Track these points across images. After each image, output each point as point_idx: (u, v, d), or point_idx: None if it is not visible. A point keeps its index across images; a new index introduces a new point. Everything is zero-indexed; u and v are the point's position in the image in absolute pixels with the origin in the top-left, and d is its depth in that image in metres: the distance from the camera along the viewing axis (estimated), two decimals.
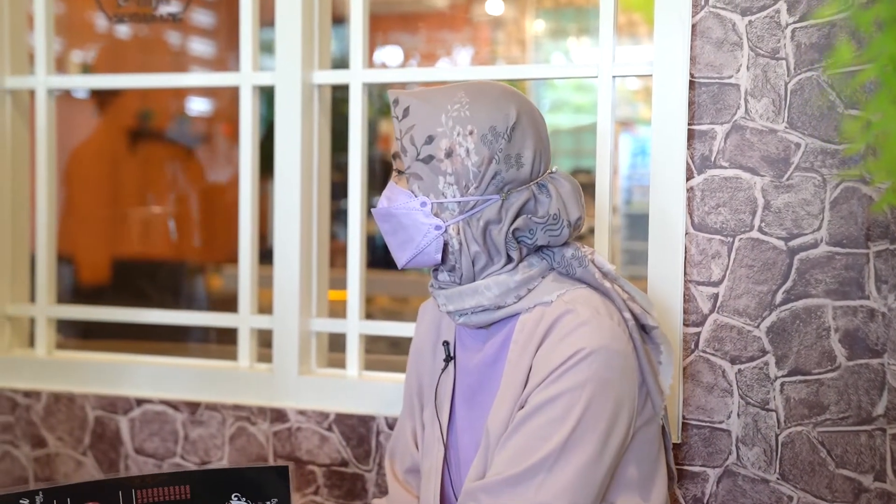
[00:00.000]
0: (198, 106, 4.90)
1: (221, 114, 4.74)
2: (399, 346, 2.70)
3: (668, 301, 1.66)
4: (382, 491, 1.87)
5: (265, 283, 2.04)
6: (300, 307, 1.95)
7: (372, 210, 1.34)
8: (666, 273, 1.67)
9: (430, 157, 1.25)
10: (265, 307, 2.03)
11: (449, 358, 1.38)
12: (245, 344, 2.03)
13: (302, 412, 1.92)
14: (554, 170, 1.32)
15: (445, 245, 1.28)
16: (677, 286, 1.66)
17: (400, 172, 1.30)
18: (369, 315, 2.01)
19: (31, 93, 2.19)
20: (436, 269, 1.33)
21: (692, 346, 1.66)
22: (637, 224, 4.83)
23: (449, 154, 1.25)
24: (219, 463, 1.95)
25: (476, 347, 1.34)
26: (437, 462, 1.38)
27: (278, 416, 1.93)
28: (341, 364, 1.99)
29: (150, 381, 2.05)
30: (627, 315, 1.26)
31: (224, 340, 2.83)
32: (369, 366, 2.00)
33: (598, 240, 1.76)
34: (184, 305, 3.98)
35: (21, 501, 1.14)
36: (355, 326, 1.96)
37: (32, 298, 2.24)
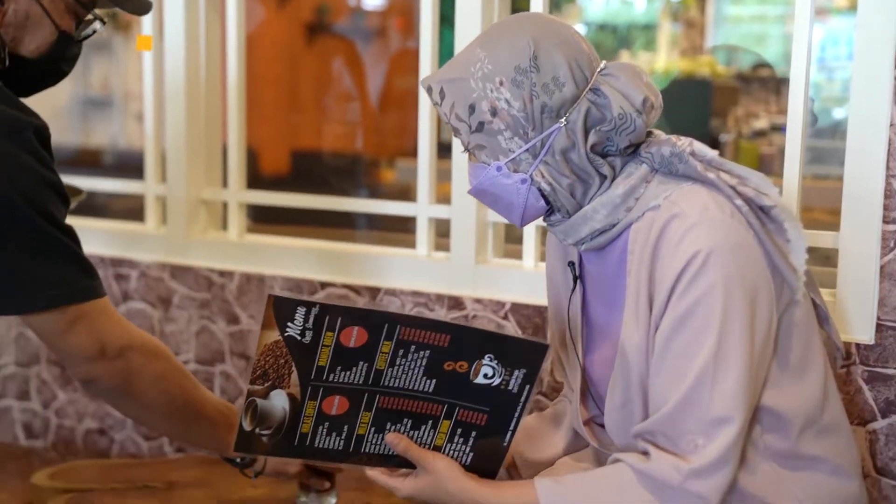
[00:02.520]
0: (371, 1, 4.94)
1: (395, 8, 4.76)
2: None
3: (866, 196, 1.58)
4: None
5: (441, 177, 2.07)
6: None
7: (468, 192, 1.36)
8: (865, 168, 1.58)
9: (482, 124, 1.26)
10: (441, 199, 2.07)
11: (576, 278, 1.39)
12: (423, 232, 2.08)
13: (478, 300, 1.96)
14: (603, 66, 1.27)
15: (541, 191, 1.28)
16: (878, 181, 1.57)
17: (467, 150, 1.31)
18: None
19: None
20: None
21: (891, 245, 1.58)
22: (822, 121, 4.56)
23: (494, 112, 1.25)
24: None
25: (598, 262, 1.35)
26: (577, 384, 1.41)
27: (455, 303, 1.98)
28: (517, 255, 2.01)
29: (334, 265, 2.14)
30: (739, 202, 1.22)
31: (379, 227, 2.89)
32: (543, 257, 2.01)
33: (790, 138, 1.69)
34: (359, 196, 4.09)
35: (299, 308, 1.19)
36: None
37: (225, 184, 2.37)
